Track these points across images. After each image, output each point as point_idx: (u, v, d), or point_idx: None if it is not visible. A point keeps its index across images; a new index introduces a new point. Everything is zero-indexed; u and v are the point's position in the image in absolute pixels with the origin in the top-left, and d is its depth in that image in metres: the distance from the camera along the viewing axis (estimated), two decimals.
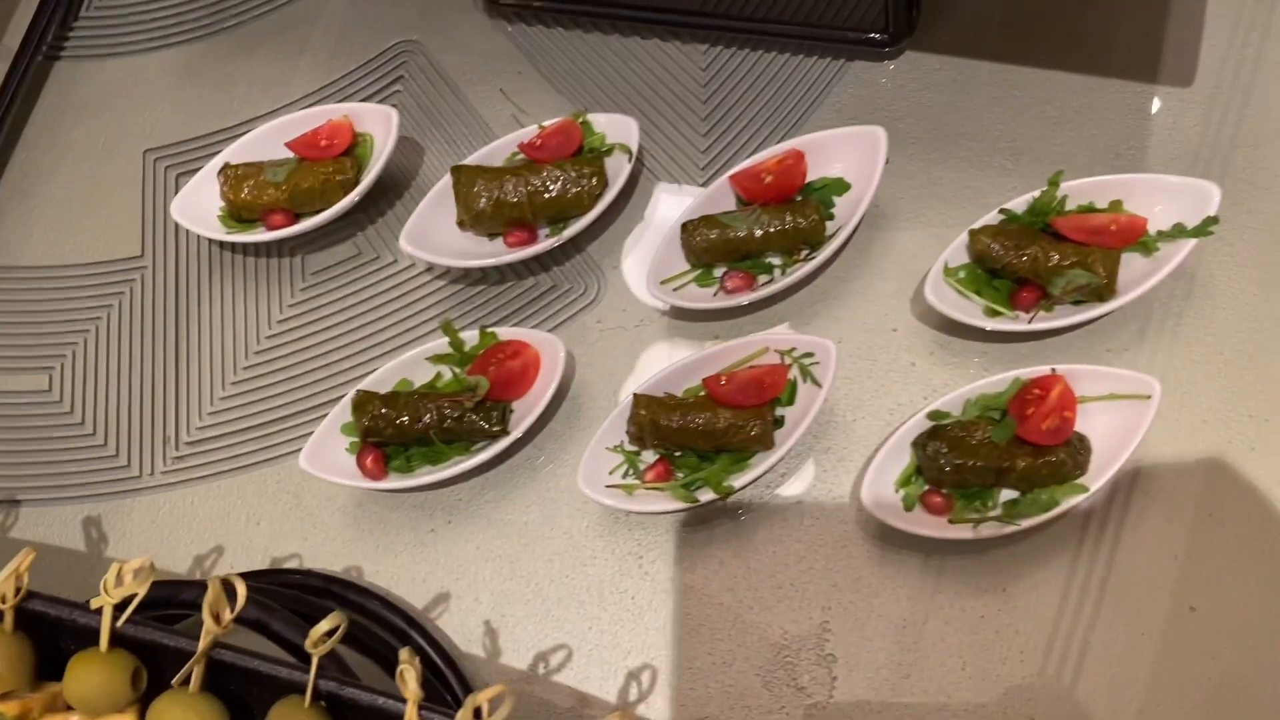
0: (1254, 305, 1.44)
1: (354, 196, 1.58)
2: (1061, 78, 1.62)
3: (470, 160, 1.59)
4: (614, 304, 1.60)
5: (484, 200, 1.53)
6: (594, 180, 1.53)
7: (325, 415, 1.47)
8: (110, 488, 1.61)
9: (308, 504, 1.51)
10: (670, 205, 1.61)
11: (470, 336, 1.50)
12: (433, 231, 1.57)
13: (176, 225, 1.66)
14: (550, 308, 1.61)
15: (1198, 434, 1.38)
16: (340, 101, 1.78)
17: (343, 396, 1.49)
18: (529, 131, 1.60)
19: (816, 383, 1.40)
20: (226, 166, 1.63)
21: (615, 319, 1.59)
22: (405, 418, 1.42)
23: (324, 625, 0.99)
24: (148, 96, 1.86)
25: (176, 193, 1.71)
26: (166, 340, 1.68)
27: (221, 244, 1.67)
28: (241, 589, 1.08)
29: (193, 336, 1.68)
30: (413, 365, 1.50)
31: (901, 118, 1.63)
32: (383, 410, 1.43)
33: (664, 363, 1.48)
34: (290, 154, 1.62)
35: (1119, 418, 1.34)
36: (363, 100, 1.78)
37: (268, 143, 1.66)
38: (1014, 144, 1.59)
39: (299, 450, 1.46)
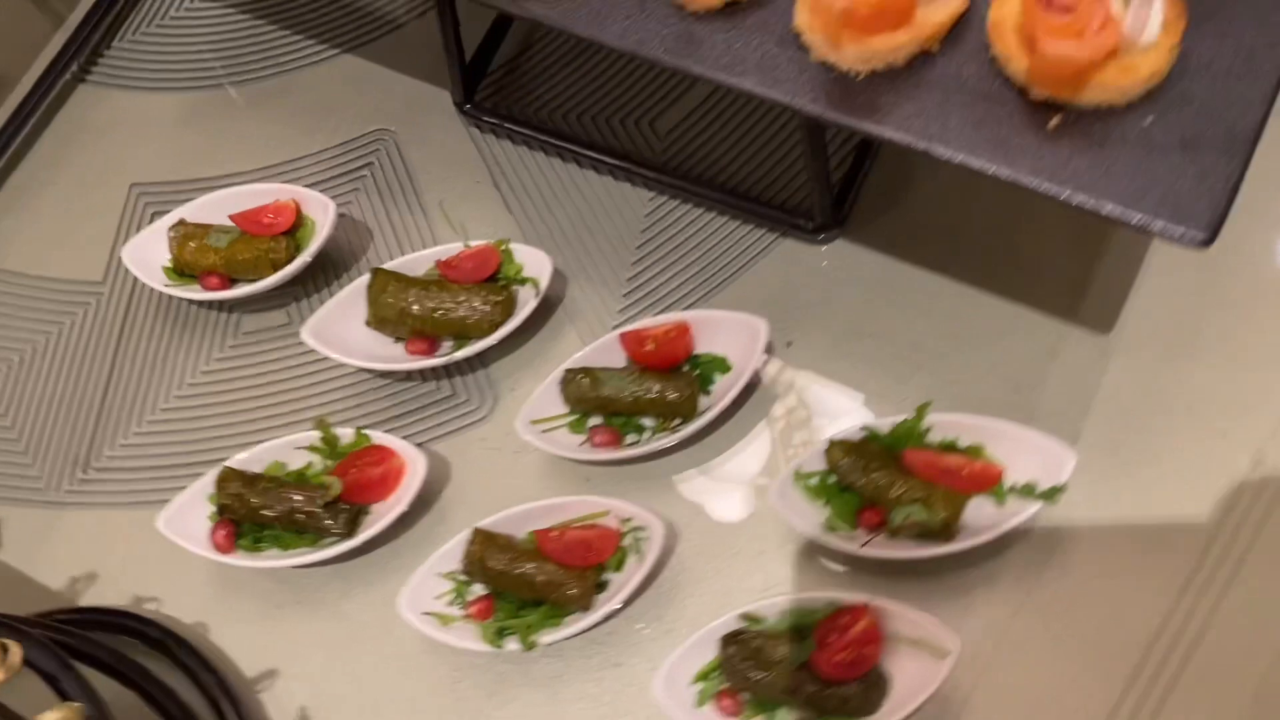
0: (1086, 583, 1.42)
1: (280, 276, 1.66)
2: (984, 298, 1.61)
3: (393, 264, 1.66)
4: (501, 426, 1.65)
5: (390, 308, 1.60)
6: (497, 309, 1.58)
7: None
8: (14, 491, 1.73)
9: (181, 552, 1.59)
10: (572, 343, 1.66)
11: (347, 434, 1.57)
12: (343, 323, 1.64)
13: None
14: (443, 415, 1.67)
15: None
16: (315, 173, 1.88)
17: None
18: (453, 249, 1.66)
19: (640, 557, 1.42)
20: (180, 223, 1.73)
21: (499, 440, 1.64)
22: (258, 502, 1.50)
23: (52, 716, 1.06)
24: (147, 133, 1.99)
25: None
26: (101, 367, 1.79)
27: None
28: (17, 653, 1.16)
29: (125, 369, 1.78)
30: (289, 449, 1.58)
31: (817, 303, 1.64)
32: (240, 491, 1.51)
33: (527, 496, 1.53)
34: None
35: (923, 665, 1.34)
36: (333, 177, 1.87)
37: (225, 206, 1.76)
38: (917, 354, 1.59)
39: None
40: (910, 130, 1.19)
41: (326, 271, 1.80)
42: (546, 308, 1.67)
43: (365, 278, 1.65)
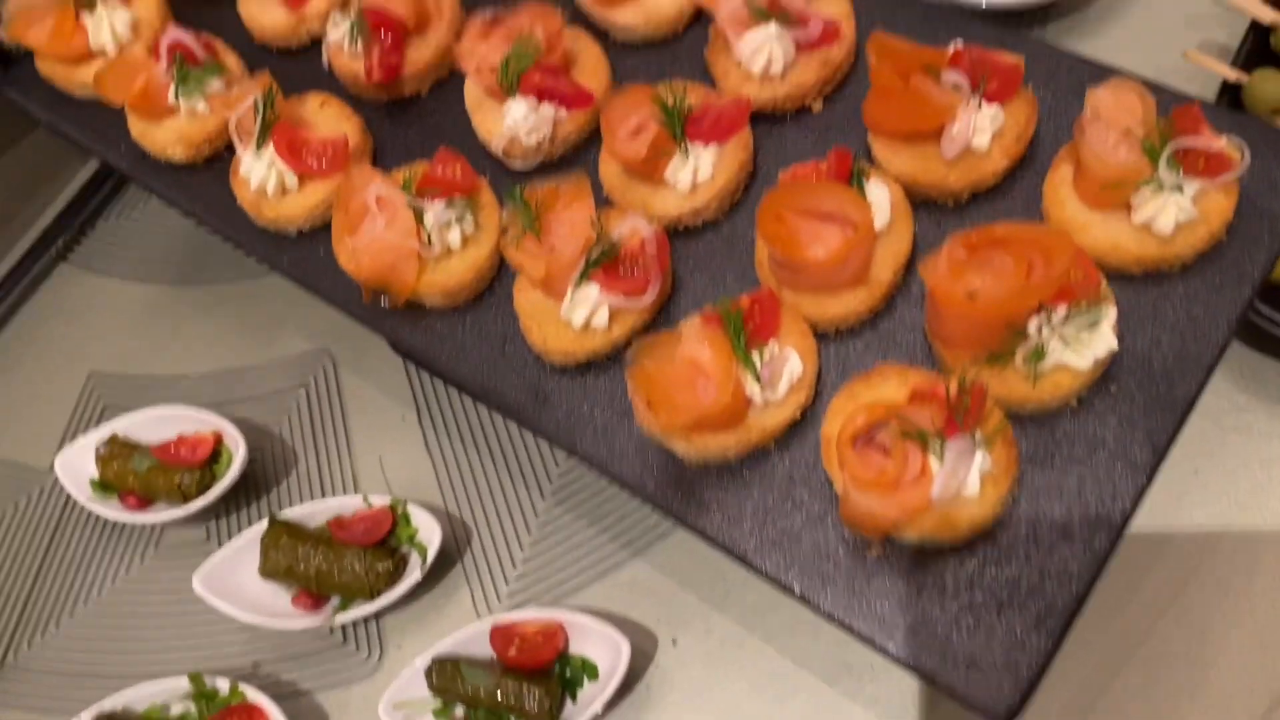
0: None
1: (189, 509, 1.70)
2: None
3: (293, 512, 1.68)
4: (384, 684, 1.65)
5: (279, 564, 1.62)
6: (380, 579, 1.59)
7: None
8: None
9: None
10: (465, 606, 1.65)
11: (224, 685, 1.59)
12: (239, 570, 1.67)
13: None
14: (331, 662, 1.69)
15: None
16: (255, 382, 1.92)
17: (130, 685, 1.60)
18: (351, 503, 1.67)
19: None
20: (111, 439, 1.79)
21: (380, 698, 1.64)
22: None
23: None
24: (112, 321, 2.06)
25: (97, 423, 1.88)
26: (29, 560, 1.86)
27: None
28: None
29: (50, 568, 1.85)
30: (171, 693, 1.61)
31: (716, 598, 1.60)
32: None
33: None
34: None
35: None
36: (272, 392, 1.91)
37: (155, 425, 1.81)
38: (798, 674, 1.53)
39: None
40: (729, 534, 1.16)
41: (249, 491, 1.83)
42: (446, 562, 1.67)
43: (262, 525, 1.67)
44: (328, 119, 1.48)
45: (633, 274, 1.25)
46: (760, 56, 1.34)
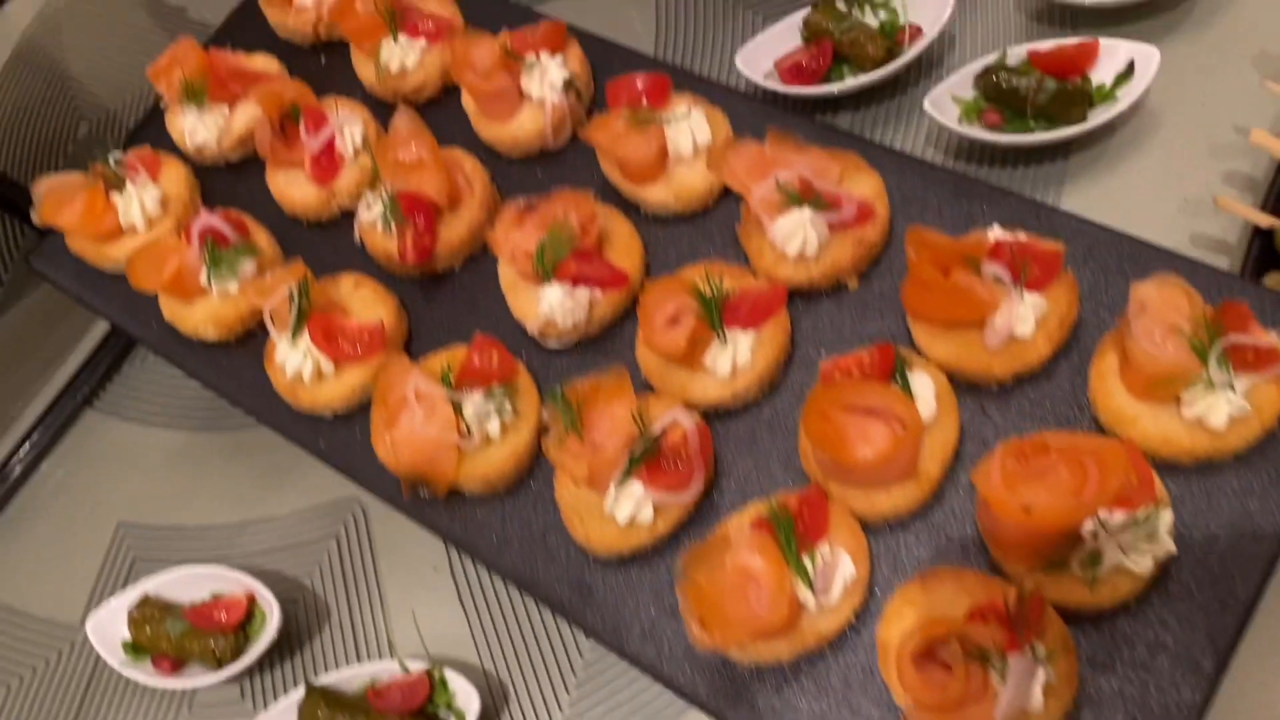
0: None
1: (222, 674, 1.68)
2: None
3: (330, 678, 1.66)
4: None
5: None
6: None
7: None
8: None
9: None
10: None
11: None
12: None
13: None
14: None
15: None
16: (283, 534, 1.90)
17: None
18: (387, 668, 1.65)
19: None
20: (144, 601, 1.77)
21: None
22: None
23: None
24: (139, 469, 2.05)
25: (127, 581, 1.87)
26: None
27: None
28: None
29: None
30: None
31: None
32: None
33: None
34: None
35: None
36: (300, 543, 1.89)
37: (187, 585, 1.79)
38: None
39: None
40: None
41: (283, 649, 1.81)
42: None
43: (299, 692, 1.65)
44: (362, 301, 1.48)
45: (676, 468, 1.24)
46: (794, 240, 1.33)
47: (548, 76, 1.53)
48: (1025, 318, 1.22)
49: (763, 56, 2.00)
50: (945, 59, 2.00)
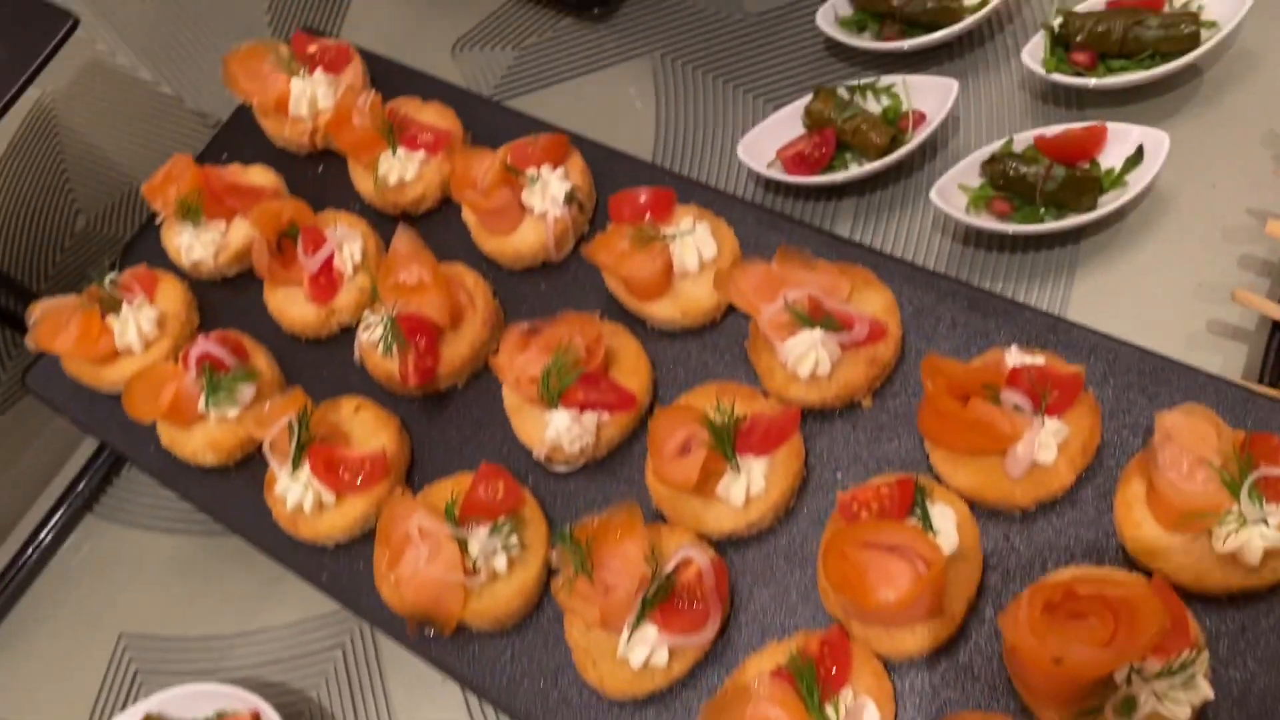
0: None
1: None
2: None
3: None
4: None
5: None
6: None
7: None
8: None
9: None
10: None
11: None
12: None
13: None
14: None
15: None
16: (285, 645, 1.85)
17: None
18: None
19: None
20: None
21: None
22: None
23: None
24: (141, 576, 2.01)
25: (130, 695, 1.82)
26: None
27: None
28: None
29: None
30: None
31: None
32: None
33: None
34: None
35: None
36: (302, 654, 1.84)
37: (190, 703, 1.74)
38: None
39: None
40: None
41: None
42: None
43: None
44: (364, 425, 1.45)
45: (691, 608, 1.20)
46: (806, 362, 1.30)
47: (549, 190, 1.50)
48: (1047, 445, 1.19)
49: (765, 145, 1.98)
50: (951, 142, 1.98)
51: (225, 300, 1.68)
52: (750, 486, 1.27)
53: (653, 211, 1.45)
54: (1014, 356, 1.23)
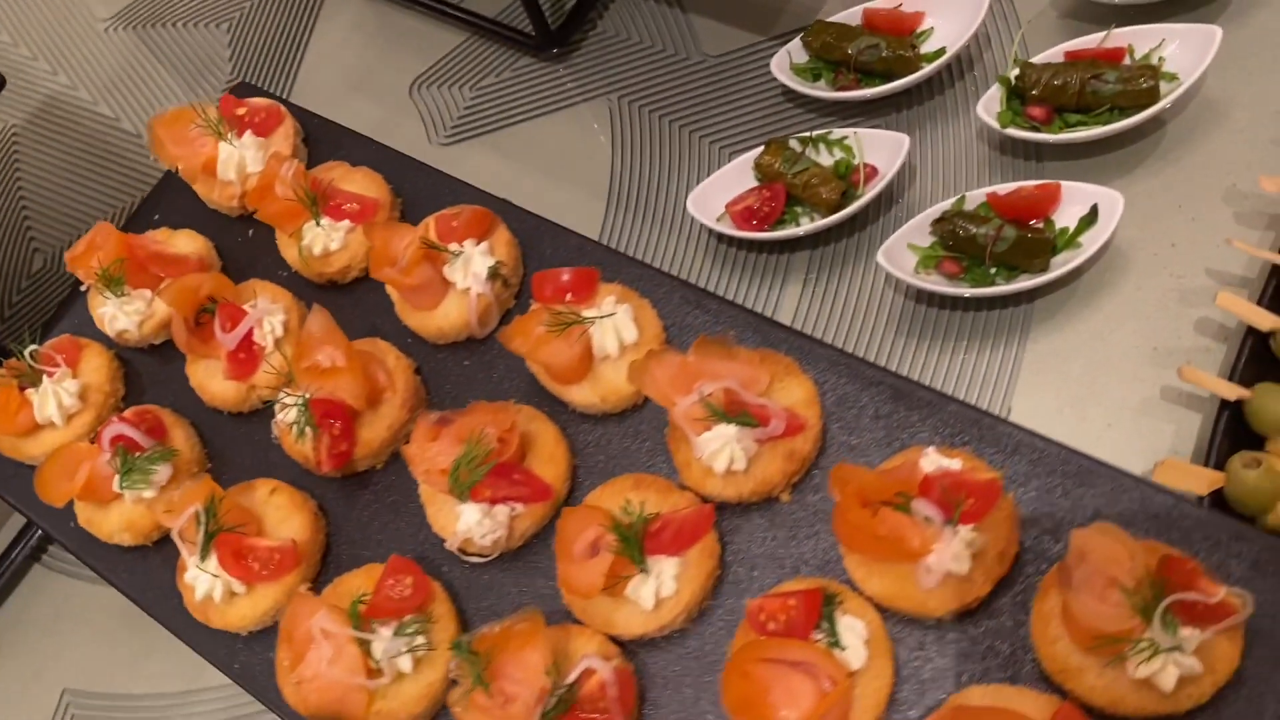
0: None
1: None
2: None
3: None
4: None
5: None
6: None
7: None
8: None
9: None
10: None
11: None
12: None
13: None
14: None
15: None
16: (234, 702, 1.83)
17: None
18: None
19: None
20: None
21: None
22: None
23: None
24: (88, 628, 2.00)
25: None
26: None
27: None
28: None
29: None
30: None
31: None
32: None
33: None
34: None
35: None
36: (248, 714, 1.82)
37: None
38: None
39: None
40: None
41: None
42: None
43: None
44: (278, 509, 1.42)
45: None
46: (721, 457, 1.26)
47: (471, 266, 1.46)
48: (960, 556, 1.14)
49: (716, 197, 1.94)
50: (906, 195, 1.93)
51: (152, 370, 1.65)
52: (660, 589, 1.23)
53: (575, 291, 1.41)
54: (930, 460, 1.18)
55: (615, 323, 1.37)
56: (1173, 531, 1.16)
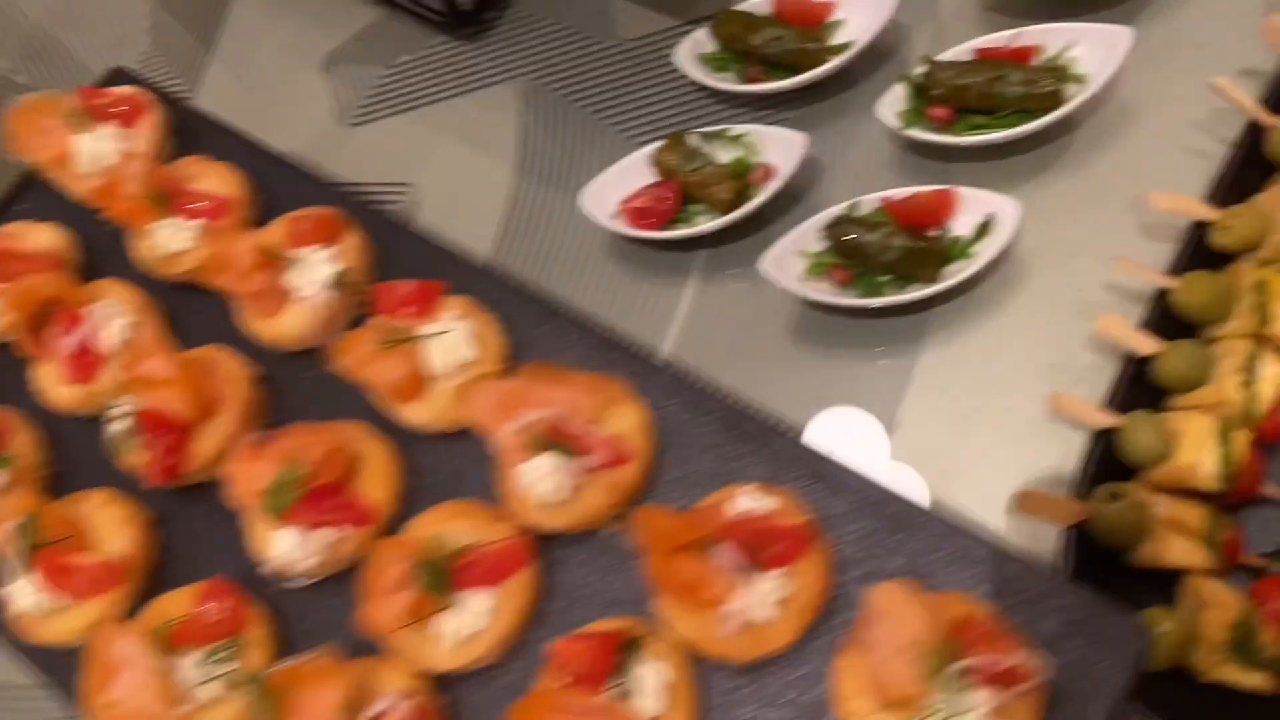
0: None
1: None
2: None
3: None
4: None
5: None
6: None
7: None
8: None
9: None
10: None
11: None
12: None
13: None
14: None
15: None
16: None
17: None
18: None
19: None
20: None
21: None
22: None
23: None
24: None
25: None
26: None
27: None
28: None
29: None
30: None
31: None
32: None
33: None
34: None
35: None
36: None
37: None
38: None
39: None
40: None
41: None
42: None
43: None
44: (110, 520, 1.39)
45: None
46: (540, 488, 1.22)
47: (312, 273, 1.41)
48: (763, 604, 1.10)
49: (612, 192, 1.87)
50: (810, 196, 1.86)
51: (4, 368, 1.62)
52: (467, 624, 1.19)
53: (418, 304, 1.36)
54: (741, 502, 1.14)
55: (451, 340, 1.32)
56: (988, 584, 1.11)
